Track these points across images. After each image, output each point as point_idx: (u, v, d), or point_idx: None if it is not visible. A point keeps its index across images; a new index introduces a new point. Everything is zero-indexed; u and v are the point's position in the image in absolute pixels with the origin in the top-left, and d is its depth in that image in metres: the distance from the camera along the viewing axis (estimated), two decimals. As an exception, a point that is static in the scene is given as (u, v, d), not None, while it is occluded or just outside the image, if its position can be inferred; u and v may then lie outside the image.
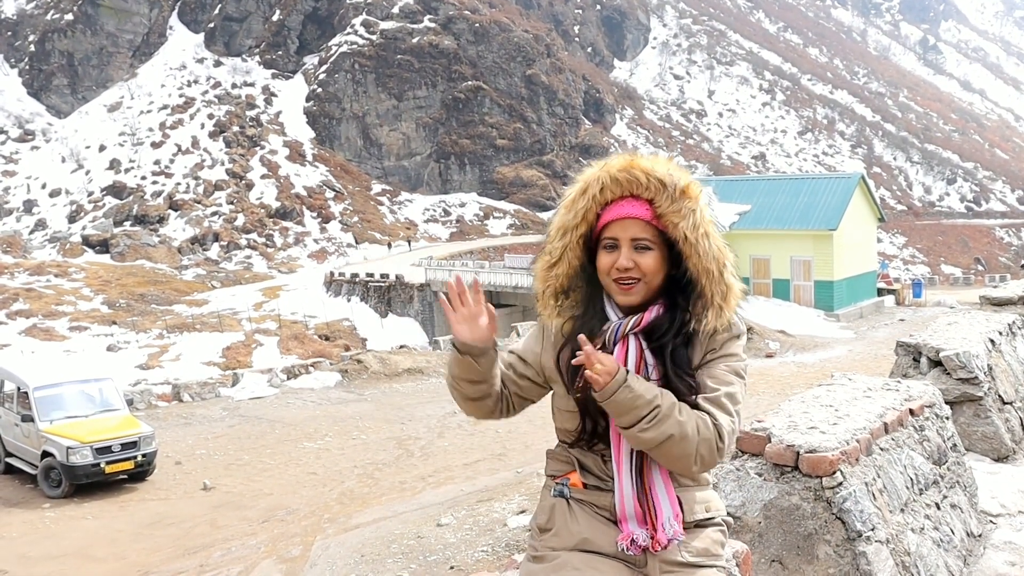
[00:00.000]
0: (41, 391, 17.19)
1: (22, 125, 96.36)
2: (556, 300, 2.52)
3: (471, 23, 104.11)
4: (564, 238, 2.48)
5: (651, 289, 2.43)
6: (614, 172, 2.44)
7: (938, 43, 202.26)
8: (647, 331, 2.43)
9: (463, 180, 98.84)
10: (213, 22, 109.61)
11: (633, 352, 2.41)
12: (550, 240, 2.52)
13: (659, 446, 2.31)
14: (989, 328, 6.99)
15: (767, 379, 23.04)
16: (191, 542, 13.14)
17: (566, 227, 2.48)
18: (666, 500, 2.43)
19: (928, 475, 4.37)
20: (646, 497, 2.42)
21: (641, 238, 2.40)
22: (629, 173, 2.43)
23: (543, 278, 2.53)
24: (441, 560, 10.07)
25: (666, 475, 2.45)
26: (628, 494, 2.42)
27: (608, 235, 2.43)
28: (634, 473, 2.42)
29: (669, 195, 2.41)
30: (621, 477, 2.42)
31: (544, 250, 2.54)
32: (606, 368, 2.27)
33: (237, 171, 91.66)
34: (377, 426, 20.48)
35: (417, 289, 51.30)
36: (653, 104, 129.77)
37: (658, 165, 2.45)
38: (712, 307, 2.42)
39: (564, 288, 2.52)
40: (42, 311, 56.43)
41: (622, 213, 2.42)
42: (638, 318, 2.43)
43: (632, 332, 2.42)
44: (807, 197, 39.60)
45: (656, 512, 2.41)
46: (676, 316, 2.43)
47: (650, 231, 2.41)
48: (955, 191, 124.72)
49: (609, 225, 2.43)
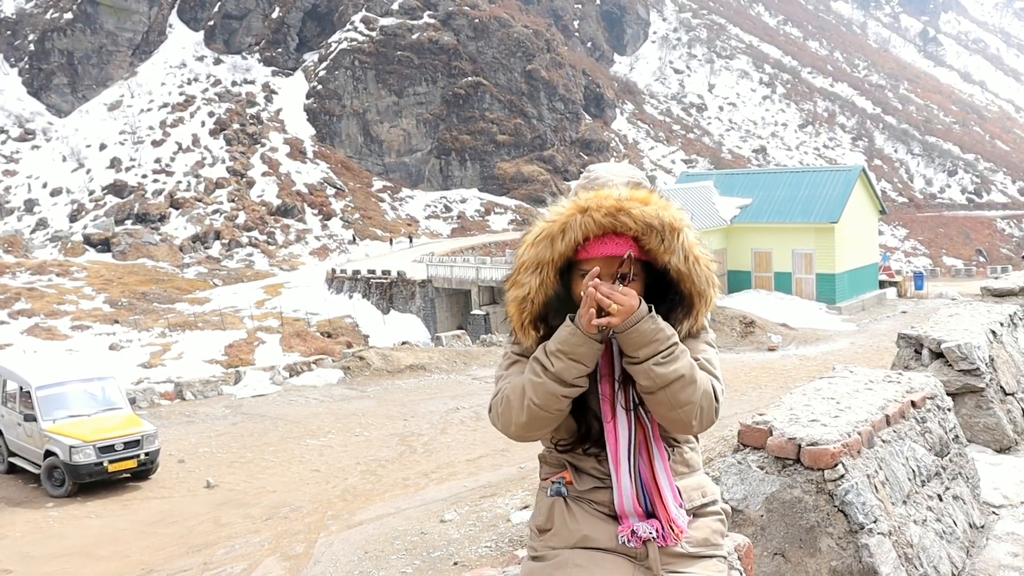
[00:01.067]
0: (44, 390, 17.19)
1: (22, 124, 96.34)
2: (535, 329, 2.45)
3: (471, 19, 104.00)
4: (539, 273, 2.39)
5: None
6: (599, 218, 2.34)
7: (938, 35, 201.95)
8: None
9: (464, 176, 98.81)
10: (213, 20, 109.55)
11: (617, 355, 2.42)
12: (521, 269, 2.41)
13: (668, 385, 2.30)
14: (991, 319, 6.98)
15: (769, 372, 23.03)
16: (194, 540, 13.15)
17: (542, 262, 2.39)
18: (669, 493, 2.43)
19: (930, 467, 4.37)
20: (651, 493, 2.41)
21: (626, 272, 2.36)
22: (616, 219, 2.35)
23: (517, 310, 2.44)
24: (444, 556, 10.07)
25: (667, 468, 2.44)
26: (628, 494, 2.41)
27: (590, 266, 2.35)
28: (633, 472, 2.42)
29: (657, 233, 2.36)
30: (620, 476, 2.41)
31: (515, 278, 2.43)
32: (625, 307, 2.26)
33: (238, 169, 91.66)
34: (380, 423, 20.49)
35: (419, 285, 51.29)
36: (653, 98, 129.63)
37: (647, 210, 2.35)
38: (696, 319, 2.46)
39: (541, 315, 2.45)
40: (44, 310, 56.48)
41: (608, 251, 2.36)
42: None
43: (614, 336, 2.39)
44: (808, 190, 39.56)
45: (666, 507, 2.40)
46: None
47: (635, 265, 2.37)
48: (956, 183, 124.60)
49: (591, 259, 2.37)
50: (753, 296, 38.15)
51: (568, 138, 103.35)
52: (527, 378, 2.36)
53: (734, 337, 29.90)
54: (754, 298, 37.72)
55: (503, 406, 2.42)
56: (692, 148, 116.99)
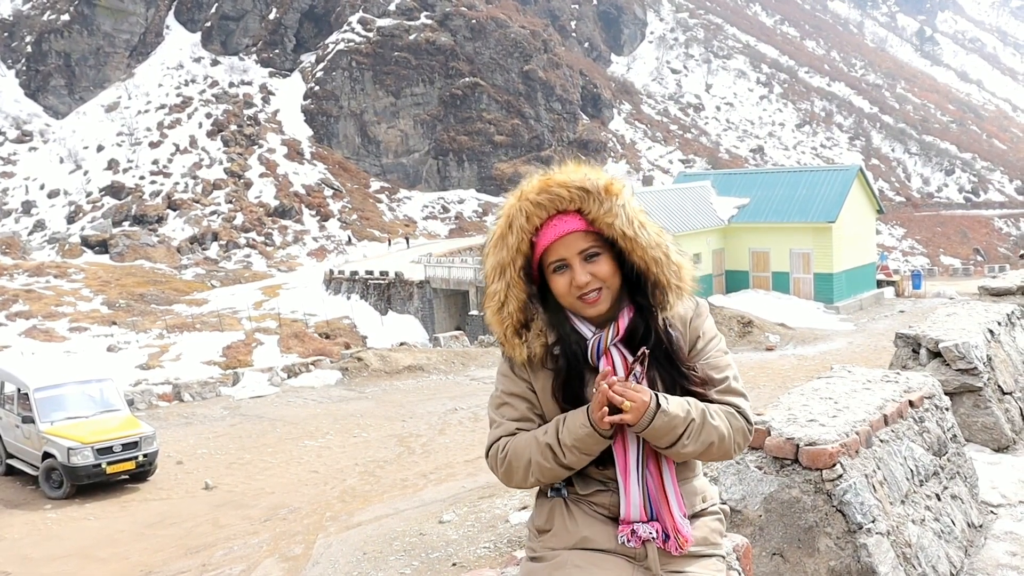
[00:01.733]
0: (42, 392, 17.18)
1: (20, 126, 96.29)
2: (520, 337, 2.44)
3: (468, 19, 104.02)
4: (504, 276, 2.40)
5: (614, 293, 2.41)
6: (533, 197, 2.37)
7: (935, 34, 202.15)
8: (626, 338, 2.41)
9: (461, 176, 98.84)
10: (210, 21, 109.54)
11: (619, 364, 2.39)
12: (489, 282, 2.43)
13: (701, 454, 2.36)
14: (988, 318, 6.98)
15: (767, 372, 23.04)
16: (193, 541, 13.15)
17: (502, 264, 2.40)
18: (676, 502, 2.43)
19: (928, 466, 4.37)
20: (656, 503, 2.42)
21: (587, 248, 2.36)
22: (549, 193, 2.36)
23: (497, 321, 2.44)
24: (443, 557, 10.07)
25: (674, 478, 2.45)
26: (636, 503, 2.41)
27: (553, 258, 2.37)
28: (641, 482, 2.42)
29: (595, 198, 2.36)
30: (629, 486, 2.40)
31: (487, 293, 2.45)
32: (638, 405, 2.25)
33: (235, 170, 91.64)
34: (378, 424, 20.49)
35: (417, 286, 51.25)
36: (651, 98, 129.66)
37: (574, 174, 2.39)
38: (671, 290, 2.41)
39: (522, 322, 2.44)
40: (42, 312, 56.42)
41: (559, 232, 2.37)
42: (615, 328, 2.41)
43: (613, 344, 2.40)
44: (806, 190, 39.57)
45: (673, 517, 2.41)
46: (645, 316, 2.42)
47: (591, 238, 2.37)
48: (953, 182, 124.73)
49: (550, 248, 2.38)
50: (751, 296, 38.18)
51: (565, 138, 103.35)
52: (536, 459, 2.37)
53: (732, 337, 29.90)
54: (752, 298, 37.75)
55: (504, 468, 2.43)
56: (689, 148, 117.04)
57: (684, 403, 2.33)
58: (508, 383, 2.51)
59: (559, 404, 2.42)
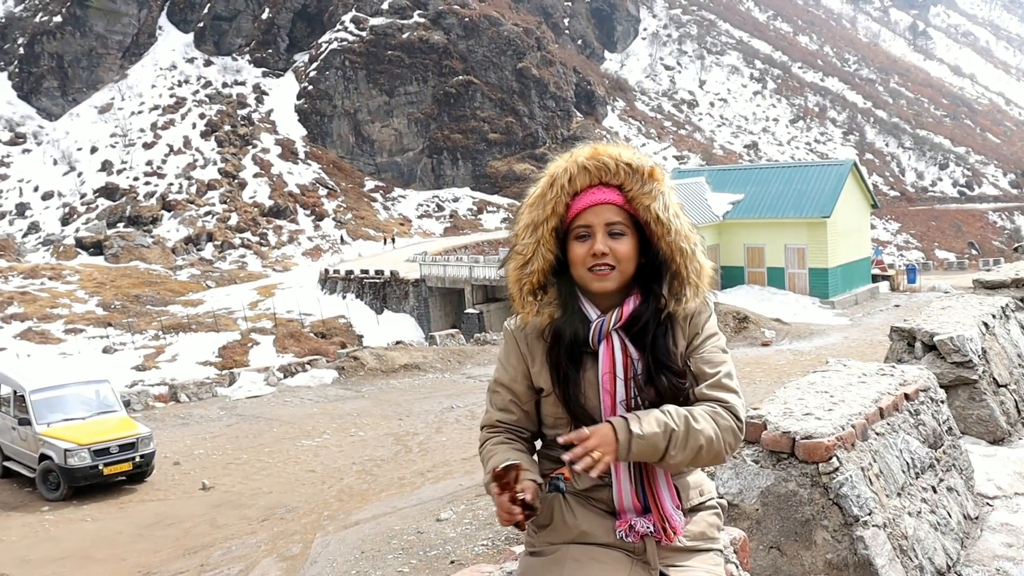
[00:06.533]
0: (38, 394, 17.17)
1: (13, 128, 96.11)
2: (535, 296, 2.48)
3: (461, 17, 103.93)
4: (535, 233, 2.44)
5: (625, 277, 2.42)
6: (582, 161, 2.43)
7: (928, 28, 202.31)
8: (627, 324, 2.42)
9: (456, 175, 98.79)
10: (202, 21, 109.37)
11: (618, 349, 2.40)
12: (519, 238, 2.48)
13: (692, 461, 2.34)
14: (983, 311, 7.00)
15: (763, 367, 23.07)
16: (191, 542, 13.15)
17: (536, 222, 2.45)
18: (667, 494, 2.44)
19: (924, 459, 4.38)
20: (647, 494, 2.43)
21: (615, 222, 2.39)
22: (597, 160, 2.42)
23: (516, 277, 2.48)
24: (441, 555, 10.08)
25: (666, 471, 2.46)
26: (627, 491, 2.42)
27: (581, 223, 2.41)
28: (632, 472, 2.43)
29: (639, 178, 2.41)
30: (620, 475, 2.42)
31: (514, 249, 2.49)
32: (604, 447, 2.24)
33: (229, 170, 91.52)
34: (375, 422, 20.49)
35: (412, 285, 51.24)
36: (644, 95, 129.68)
37: (624, 151, 2.45)
38: (689, 285, 2.43)
39: (541, 284, 2.48)
40: (37, 314, 56.31)
41: (595, 199, 2.41)
42: (618, 313, 2.42)
43: (614, 329, 2.41)
44: (800, 185, 39.63)
45: (661, 508, 2.42)
46: (652, 303, 2.43)
47: (623, 215, 2.41)
48: (947, 176, 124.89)
49: (581, 214, 2.41)
50: (746, 291, 38.23)
51: (560, 136, 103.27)
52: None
53: (727, 333, 29.93)
54: (747, 293, 37.81)
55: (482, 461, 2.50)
56: (684, 144, 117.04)
57: (660, 415, 2.30)
58: (500, 371, 2.57)
59: (553, 388, 2.45)
